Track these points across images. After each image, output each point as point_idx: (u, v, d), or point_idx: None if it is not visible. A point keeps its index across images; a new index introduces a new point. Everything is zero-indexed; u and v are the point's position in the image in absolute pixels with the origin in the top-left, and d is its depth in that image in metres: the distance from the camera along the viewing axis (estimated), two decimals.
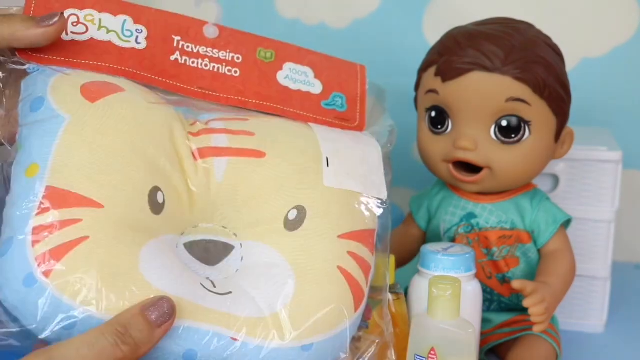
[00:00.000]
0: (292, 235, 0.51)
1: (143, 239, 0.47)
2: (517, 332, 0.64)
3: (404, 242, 0.70)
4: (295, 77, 0.58)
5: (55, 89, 0.49)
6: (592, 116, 0.92)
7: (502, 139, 0.62)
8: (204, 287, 0.48)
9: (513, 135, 0.62)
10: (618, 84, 0.94)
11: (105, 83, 0.51)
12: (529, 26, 0.64)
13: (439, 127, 0.64)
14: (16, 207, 0.45)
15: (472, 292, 0.59)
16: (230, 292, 0.49)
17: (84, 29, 0.52)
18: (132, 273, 0.45)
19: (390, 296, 0.57)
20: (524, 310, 0.59)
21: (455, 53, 0.62)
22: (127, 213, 0.47)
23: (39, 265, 0.44)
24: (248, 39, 0.58)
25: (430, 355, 0.51)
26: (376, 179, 0.55)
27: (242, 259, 0.51)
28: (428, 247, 0.60)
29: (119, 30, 0.54)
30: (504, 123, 0.62)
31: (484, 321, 0.64)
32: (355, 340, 0.57)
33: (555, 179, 0.74)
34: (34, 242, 0.44)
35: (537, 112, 0.62)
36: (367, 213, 0.54)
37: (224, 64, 0.57)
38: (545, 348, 0.62)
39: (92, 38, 0.52)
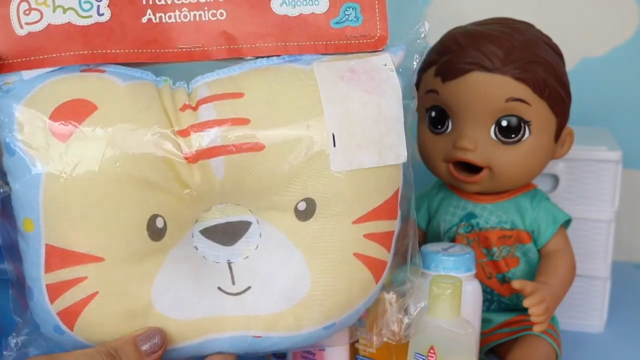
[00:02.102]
0: (305, 225, 0.49)
1: (152, 271, 0.47)
2: (517, 332, 0.64)
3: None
4: None
5: (22, 127, 0.44)
6: (592, 116, 0.92)
7: (502, 139, 0.62)
8: (222, 291, 0.49)
9: (513, 135, 0.62)
10: (618, 84, 0.94)
11: (75, 103, 0.45)
12: (529, 26, 0.64)
13: (439, 127, 0.65)
14: (27, 260, 0.47)
15: (472, 292, 0.59)
16: (249, 288, 0.49)
17: (39, 16, 0.46)
18: (149, 312, 0.47)
19: (387, 296, 0.57)
20: (524, 310, 0.59)
21: (455, 53, 0.62)
22: (130, 253, 0.46)
23: (61, 320, 0.46)
24: None
25: (429, 354, 0.51)
26: (394, 137, 0.49)
27: (260, 235, 0.49)
28: (428, 247, 0.60)
29: (75, 5, 0.47)
30: (504, 123, 0.62)
31: (484, 321, 0.64)
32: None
33: (555, 179, 0.74)
34: (51, 299, 0.46)
35: (537, 112, 0.62)
36: (384, 178, 0.49)
37: (206, 7, 0.48)
38: (545, 348, 0.62)
39: (49, 24, 0.46)
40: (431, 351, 0.51)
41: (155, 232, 0.46)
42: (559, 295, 0.62)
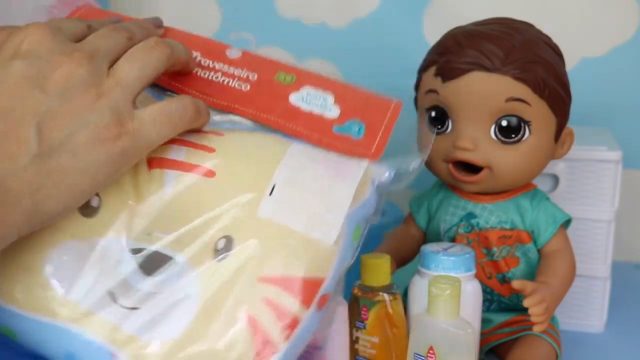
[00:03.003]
0: (216, 265, 0.47)
1: (59, 238, 0.47)
2: (517, 332, 0.64)
3: (404, 242, 0.70)
4: (311, 100, 0.53)
5: None
6: (592, 116, 0.92)
7: (502, 139, 0.62)
8: (112, 297, 0.47)
9: (513, 135, 0.62)
10: (618, 84, 0.94)
11: None
12: (529, 26, 0.64)
13: (439, 127, 0.65)
14: None
15: (472, 292, 0.59)
16: (138, 309, 0.47)
17: None
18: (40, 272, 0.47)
19: (386, 296, 0.57)
20: (524, 310, 0.59)
21: (455, 53, 0.62)
22: None
23: None
24: (270, 63, 0.55)
25: (429, 354, 0.51)
26: (332, 219, 0.47)
27: (172, 274, 0.48)
28: (428, 247, 0.60)
29: None
30: (504, 123, 0.62)
31: (484, 321, 0.64)
32: (353, 341, 0.58)
33: (555, 179, 0.74)
34: None
35: (537, 112, 0.62)
36: (308, 254, 0.46)
37: (236, 79, 0.54)
38: (545, 348, 0.62)
39: None
40: (430, 351, 0.51)
41: (86, 207, 0.48)
42: (559, 295, 0.62)
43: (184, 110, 0.49)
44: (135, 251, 0.48)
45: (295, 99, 0.53)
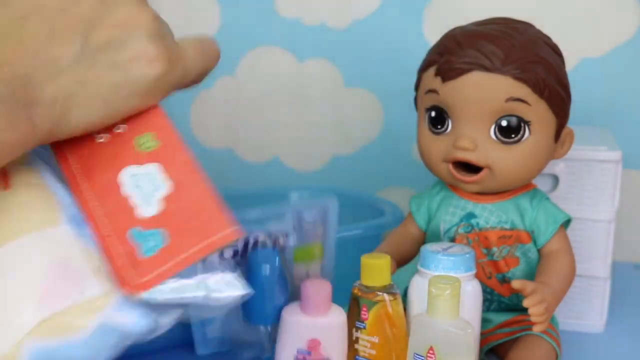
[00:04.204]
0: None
1: None
2: (517, 332, 0.64)
3: (404, 242, 0.70)
4: (142, 182, 0.43)
5: None
6: (592, 116, 0.92)
7: (502, 139, 0.62)
8: None
9: (513, 135, 0.62)
10: (618, 84, 0.94)
11: None
12: (529, 26, 0.64)
13: (439, 127, 0.65)
14: None
15: (472, 292, 0.59)
16: None
17: None
18: None
19: (386, 296, 0.58)
20: (524, 310, 0.59)
21: (455, 53, 0.62)
22: None
23: None
24: (155, 117, 0.46)
25: (429, 355, 0.51)
26: (77, 273, 0.41)
27: None
28: (428, 247, 0.60)
29: None
30: (504, 123, 0.62)
31: (484, 321, 0.64)
32: (353, 341, 0.58)
33: (555, 179, 0.74)
34: None
35: (537, 112, 0.62)
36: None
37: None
38: (545, 348, 0.62)
39: None
40: (430, 351, 0.51)
41: None
42: (559, 295, 0.62)
43: (214, 47, 0.49)
44: None
45: (127, 173, 0.44)
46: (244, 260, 0.60)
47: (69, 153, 0.45)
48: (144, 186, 0.43)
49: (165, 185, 0.43)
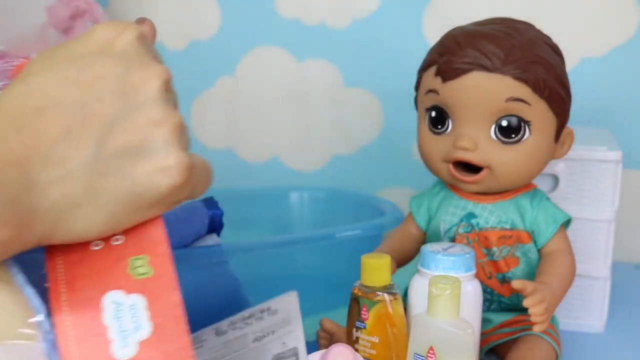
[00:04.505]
0: None
1: None
2: (517, 332, 0.64)
3: (404, 242, 0.70)
4: (123, 315, 0.39)
5: None
6: (592, 116, 0.92)
7: (502, 138, 0.62)
8: None
9: (513, 135, 0.62)
10: (618, 84, 0.95)
11: None
12: (529, 26, 0.64)
13: (439, 127, 0.65)
14: None
15: (472, 292, 0.59)
16: None
17: None
18: None
19: (387, 296, 0.58)
20: (524, 310, 0.59)
21: (455, 53, 0.62)
22: None
23: None
24: (151, 237, 0.42)
25: (429, 355, 0.51)
26: None
27: None
28: (428, 247, 0.60)
29: None
30: (504, 123, 0.62)
31: (484, 321, 0.64)
32: (353, 341, 0.58)
33: (555, 179, 0.74)
34: None
35: (537, 112, 0.62)
36: None
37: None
38: (545, 348, 0.62)
39: None
40: (430, 351, 0.51)
41: None
42: (559, 295, 0.62)
43: (211, 169, 0.43)
44: None
45: (111, 298, 0.39)
46: None
47: (60, 253, 0.40)
48: (125, 321, 0.38)
49: (146, 326, 0.38)
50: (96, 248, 0.40)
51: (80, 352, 0.37)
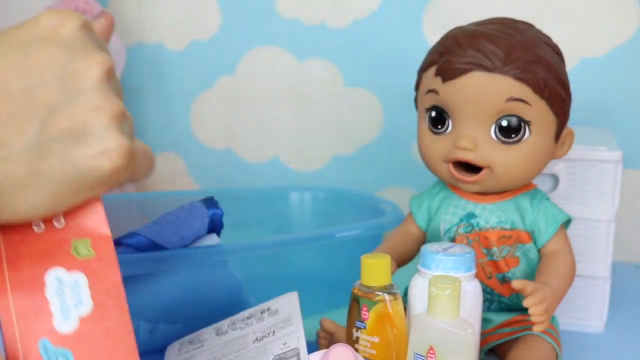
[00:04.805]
0: None
1: None
2: (517, 332, 0.64)
3: (404, 242, 0.70)
4: (65, 290, 0.40)
5: None
6: (592, 116, 0.92)
7: (502, 138, 0.62)
8: None
9: (513, 135, 0.62)
10: (618, 84, 0.95)
11: None
12: (529, 26, 0.64)
13: (439, 127, 0.65)
14: None
15: (472, 292, 0.59)
16: None
17: None
18: None
19: (387, 296, 0.58)
20: (524, 310, 0.59)
21: (455, 53, 0.62)
22: None
23: None
24: (93, 216, 0.43)
25: (429, 355, 0.51)
26: None
27: None
28: (428, 247, 0.60)
29: None
30: (504, 123, 0.62)
31: (484, 321, 0.64)
32: (353, 341, 0.58)
33: (555, 179, 0.74)
34: None
35: (537, 112, 0.62)
36: None
37: None
38: (545, 348, 0.62)
39: None
40: (430, 351, 0.51)
41: None
42: (559, 295, 0.62)
43: (153, 157, 0.44)
44: None
45: (54, 275, 0.40)
46: None
47: (3, 234, 0.41)
48: (67, 296, 0.40)
49: (87, 303, 0.40)
50: (39, 231, 0.41)
51: (21, 327, 0.39)
